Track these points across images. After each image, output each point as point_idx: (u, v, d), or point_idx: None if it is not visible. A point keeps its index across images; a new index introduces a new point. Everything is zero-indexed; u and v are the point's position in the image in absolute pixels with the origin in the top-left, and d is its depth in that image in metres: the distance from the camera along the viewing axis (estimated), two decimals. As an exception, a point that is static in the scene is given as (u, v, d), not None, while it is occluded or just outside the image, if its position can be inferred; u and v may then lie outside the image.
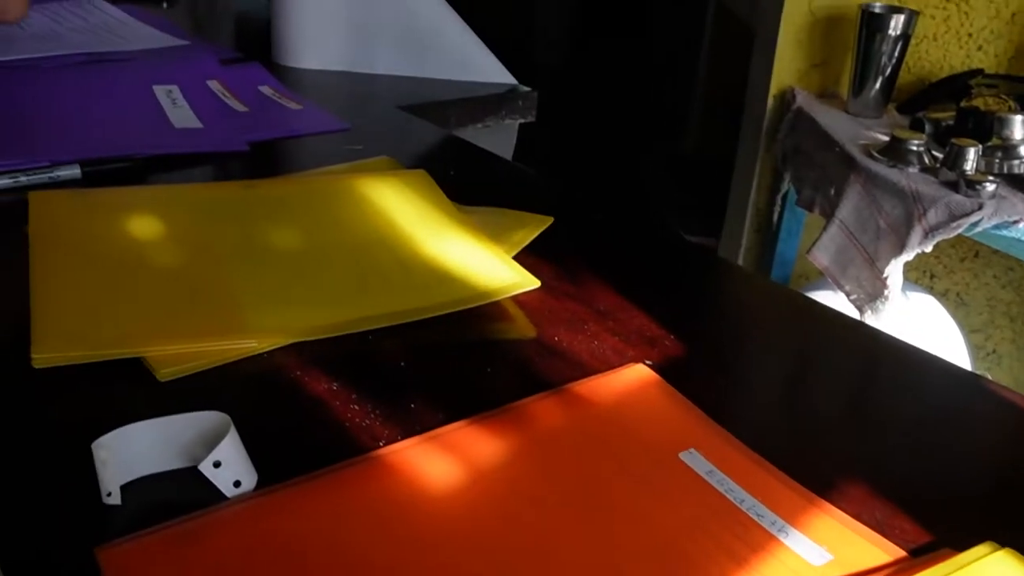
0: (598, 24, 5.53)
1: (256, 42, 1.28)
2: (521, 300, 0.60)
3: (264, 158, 0.84)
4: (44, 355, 0.47)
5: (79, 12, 1.17)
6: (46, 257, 0.58)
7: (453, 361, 0.54)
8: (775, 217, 1.80)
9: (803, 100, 1.70)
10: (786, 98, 1.75)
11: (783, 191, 1.77)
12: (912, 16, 1.60)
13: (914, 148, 1.41)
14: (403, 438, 0.45)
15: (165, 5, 1.49)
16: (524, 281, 0.59)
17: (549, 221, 0.69)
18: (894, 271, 1.39)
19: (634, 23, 5.33)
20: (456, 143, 0.93)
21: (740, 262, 1.92)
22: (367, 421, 0.47)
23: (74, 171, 0.75)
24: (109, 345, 0.49)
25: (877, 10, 1.61)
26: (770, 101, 1.77)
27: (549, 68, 5.39)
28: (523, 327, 0.58)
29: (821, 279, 1.59)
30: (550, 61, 5.45)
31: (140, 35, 1.14)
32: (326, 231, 0.65)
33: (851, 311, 1.47)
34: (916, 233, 1.33)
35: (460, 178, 0.81)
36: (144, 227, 0.63)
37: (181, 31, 1.27)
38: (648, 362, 0.54)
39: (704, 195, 2.15)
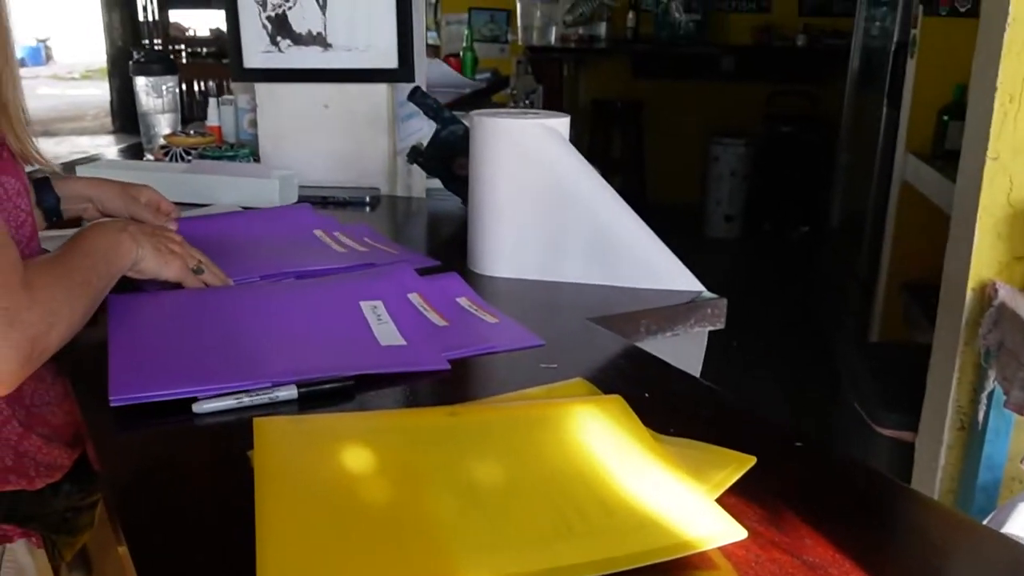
0: (775, 199, 5.54)
1: (451, 247, 1.35)
2: (725, 547, 0.58)
3: (464, 376, 0.87)
4: (268, 603, 0.50)
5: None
6: (269, 490, 0.61)
7: (658, 619, 0.52)
8: (980, 416, 1.69)
9: (1006, 295, 1.62)
10: (987, 292, 1.67)
11: (988, 389, 1.66)
12: (1124, 208, 1.51)
13: None
14: None
15: (368, 209, 1.61)
16: (731, 531, 0.58)
17: (751, 462, 0.67)
18: (1125, 485, 1.26)
19: (813, 197, 5.31)
20: (648, 361, 0.93)
21: (942, 461, 1.80)
22: None
23: (291, 392, 0.80)
24: (327, 593, 0.51)
25: (1084, 203, 1.53)
26: (969, 294, 1.70)
27: (724, 244, 5.41)
28: (728, 580, 0.56)
29: (1037, 487, 1.46)
30: (727, 236, 5.47)
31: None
32: (527, 464, 0.66)
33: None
34: None
35: (655, 401, 0.81)
36: (356, 458, 0.66)
37: (382, 236, 1.36)
38: (868, 632, 0.51)
39: (899, 386, 2.05)
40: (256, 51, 1.65)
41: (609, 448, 0.68)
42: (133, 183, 1.23)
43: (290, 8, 1.62)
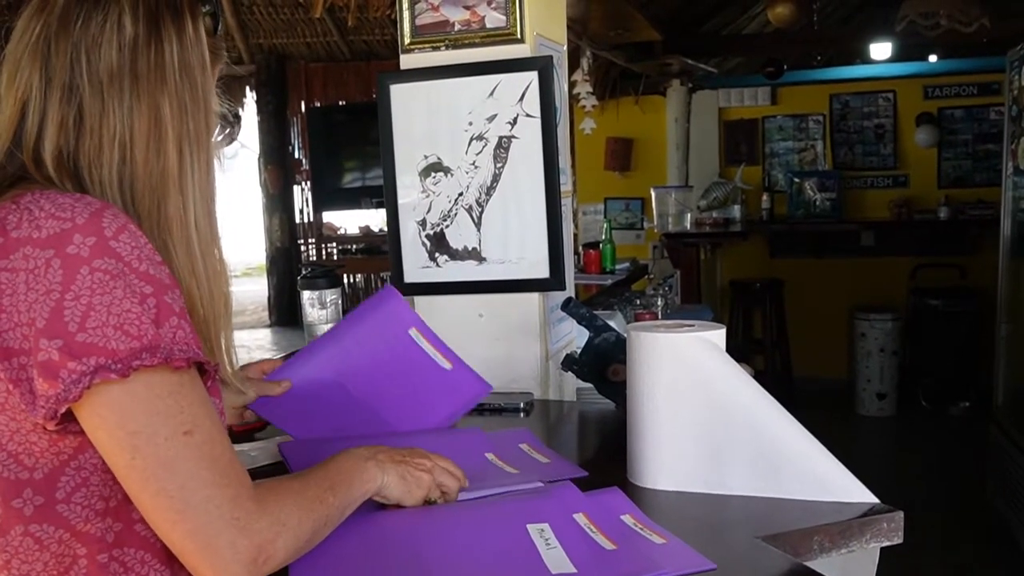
0: (930, 374, 5.31)
1: (607, 453, 1.36)
2: None
3: (636, 606, 0.86)
4: None
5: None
6: None
7: None
8: None
9: None
10: None
11: None
12: None
13: None
14: None
15: (523, 415, 1.64)
16: None
17: None
18: None
19: (971, 371, 5.07)
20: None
21: None
22: None
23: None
24: None
25: None
26: None
27: (879, 423, 5.18)
28: None
29: None
30: (880, 415, 5.25)
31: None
32: None
33: None
34: None
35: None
36: None
37: (540, 443, 1.38)
38: None
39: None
40: (416, 267, 1.75)
41: None
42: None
43: (447, 227, 1.73)
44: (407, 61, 1.77)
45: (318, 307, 2.15)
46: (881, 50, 5.53)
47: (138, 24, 0.86)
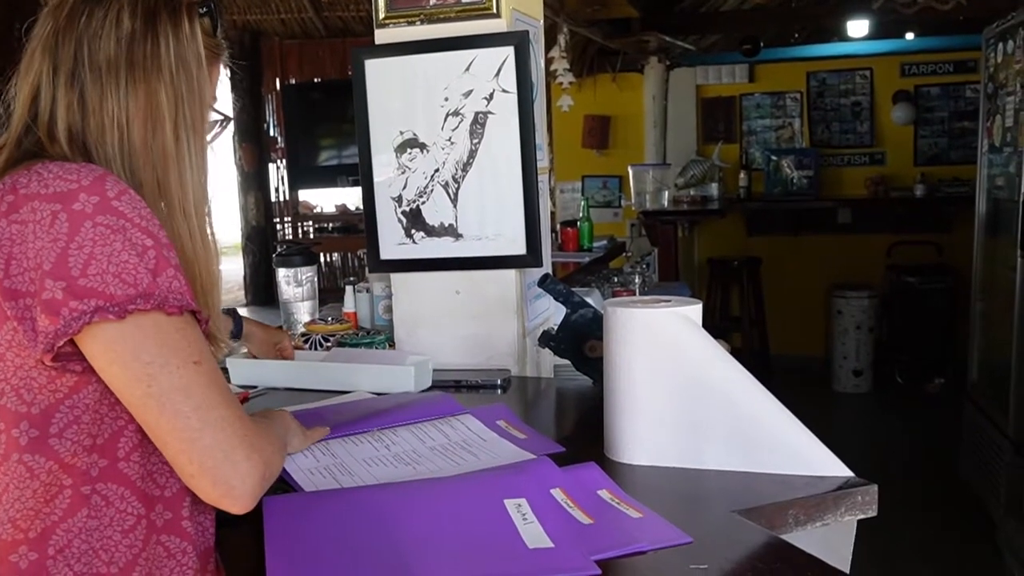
0: (905, 351, 5.36)
1: (584, 429, 1.36)
2: None
3: (617, 580, 0.86)
4: None
5: (444, 429, 1.31)
6: None
7: None
8: None
9: None
10: None
11: None
12: None
13: None
14: None
15: (500, 392, 1.64)
16: None
17: None
18: None
19: (946, 348, 5.12)
20: (802, 560, 0.90)
21: None
22: None
23: (445, 602, 0.81)
24: None
25: None
26: None
27: (855, 400, 5.23)
28: None
29: None
30: (857, 391, 5.29)
31: (491, 451, 1.24)
32: None
33: None
34: None
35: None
36: None
37: (517, 419, 1.38)
38: None
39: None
40: (392, 243, 1.74)
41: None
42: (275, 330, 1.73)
43: (423, 203, 1.71)
44: (382, 36, 1.75)
45: (294, 285, 2.13)
46: (858, 27, 5.53)
47: (135, 20, 0.95)
